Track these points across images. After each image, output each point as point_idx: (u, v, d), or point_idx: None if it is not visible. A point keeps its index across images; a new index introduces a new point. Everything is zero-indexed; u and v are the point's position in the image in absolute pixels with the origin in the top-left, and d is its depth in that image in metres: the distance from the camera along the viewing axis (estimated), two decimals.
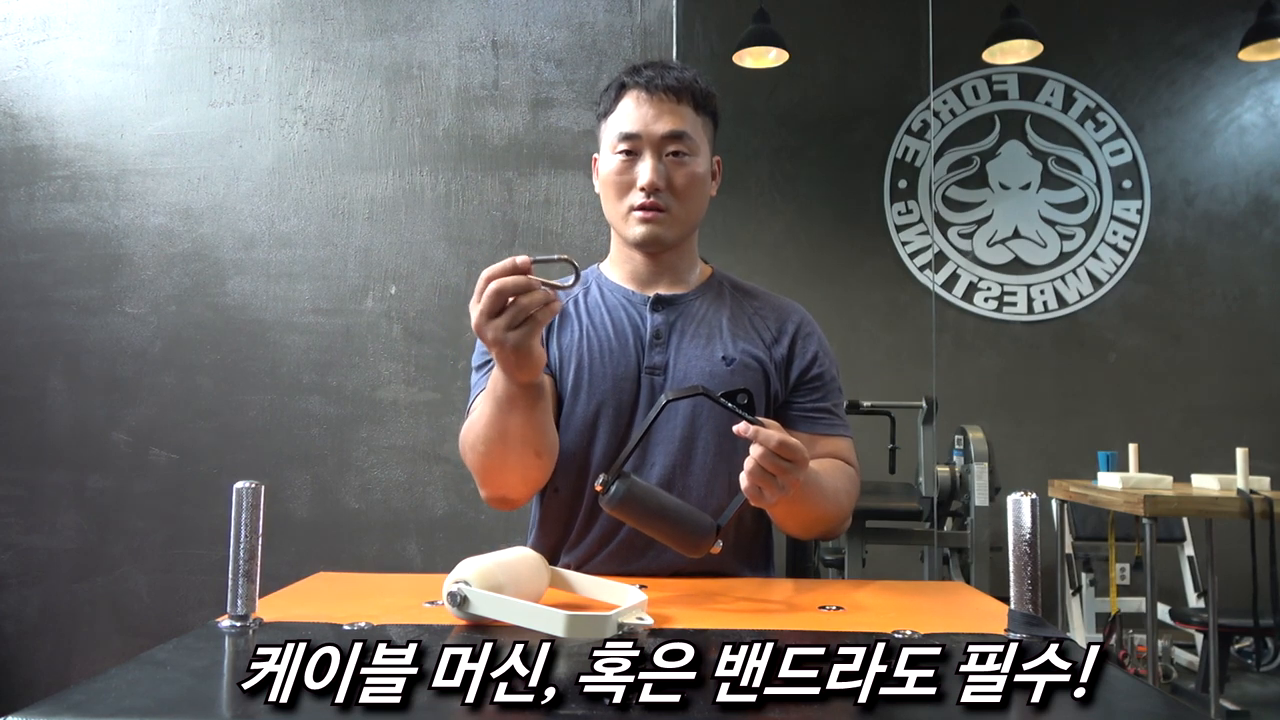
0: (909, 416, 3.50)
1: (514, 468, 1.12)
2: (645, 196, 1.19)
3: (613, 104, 1.24)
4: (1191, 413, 4.18)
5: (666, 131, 1.19)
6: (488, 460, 1.12)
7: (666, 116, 1.20)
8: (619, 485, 0.94)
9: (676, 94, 1.20)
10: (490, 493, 1.17)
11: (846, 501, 1.21)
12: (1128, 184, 4.35)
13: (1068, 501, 3.41)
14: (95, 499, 2.18)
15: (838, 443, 1.26)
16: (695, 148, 1.22)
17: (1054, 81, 4.39)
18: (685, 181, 1.21)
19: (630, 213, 1.21)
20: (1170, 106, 4.35)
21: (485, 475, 1.15)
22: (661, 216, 1.20)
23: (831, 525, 1.20)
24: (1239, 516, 2.62)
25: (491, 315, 0.93)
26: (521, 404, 1.05)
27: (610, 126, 1.23)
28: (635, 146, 1.20)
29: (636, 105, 1.21)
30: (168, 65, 2.23)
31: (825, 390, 1.27)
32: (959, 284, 4.38)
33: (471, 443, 1.13)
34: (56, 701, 0.57)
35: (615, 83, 1.25)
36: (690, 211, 1.24)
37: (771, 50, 3.94)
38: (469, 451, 1.15)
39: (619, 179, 1.21)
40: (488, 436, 1.09)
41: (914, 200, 4.42)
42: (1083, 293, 4.33)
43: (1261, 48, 3.70)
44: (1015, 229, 4.38)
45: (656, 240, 1.22)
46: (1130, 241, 4.33)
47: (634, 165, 1.20)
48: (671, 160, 1.20)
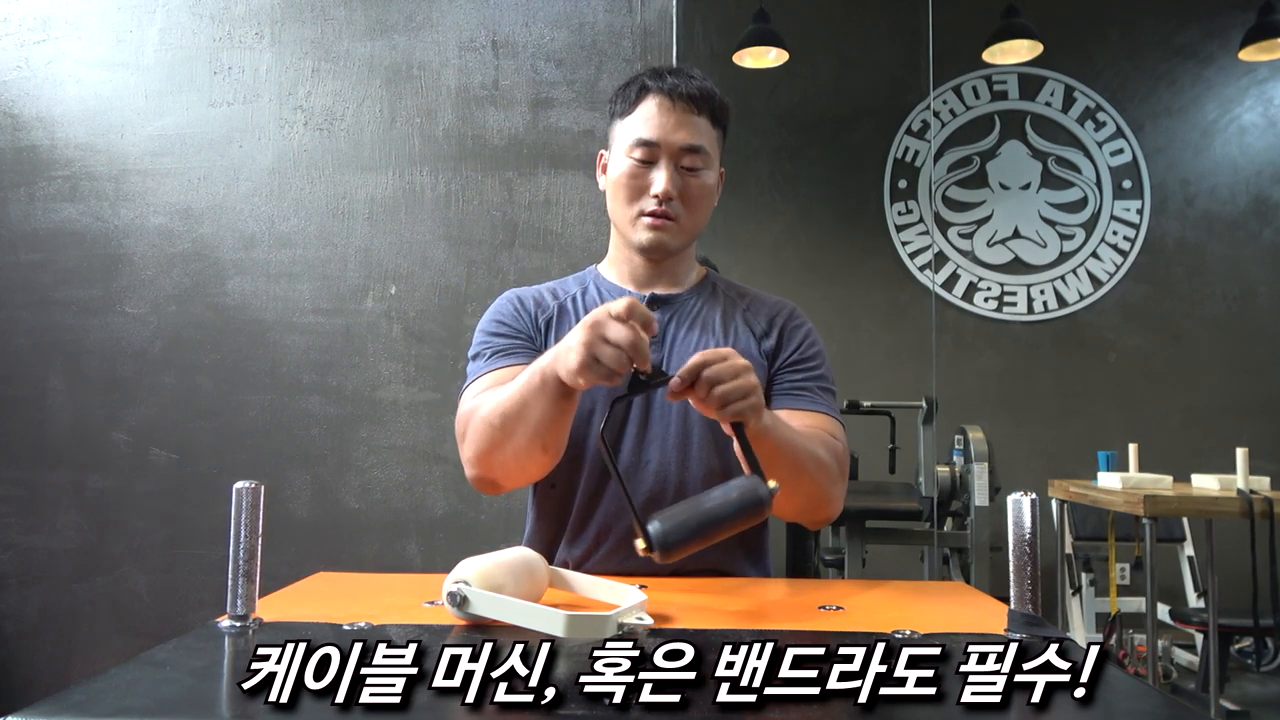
0: (909, 416, 3.50)
1: (519, 454, 1.11)
2: (658, 205, 1.20)
3: (631, 106, 1.23)
4: (1191, 413, 4.18)
5: (685, 144, 1.20)
6: (498, 436, 1.10)
7: (686, 128, 1.20)
8: (655, 533, 0.86)
9: (697, 105, 1.21)
10: (481, 472, 1.16)
11: (828, 467, 1.15)
12: (1128, 184, 4.35)
13: (1068, 501, 3.41)
14: (95, 499, 2.18)
15: (819, 418, 1.22)
16: (709, 161, 1.23)
17: (1054, 81, 4.39)
18: (697, 194, 1.22)
19: (640, 218, 1.22)
20: (1170, 106, 4.35)
21: (486, 453, 1.13)
22: (670, 225, 1.22)
23: (816, 492, 1.13)
24: (1239, 516, 2.62)
25: (612, 335, 0.92)
26: (558, 397, 1.04)
27: (627, 128, 1.23)
28: (651, 154, 1.20)
29: (658, 112, 1.21)
30: (168, 65, 2.23)
31: (809, 370, 1.26)
32: (959, 284, 4.38)
33: (485, 416, 1.11)
34: (56, 701, 0.57)
35: (636, 83, 1.24)
36: (697, 222, 1.26)
37: (771, 50, 3.94)
38: (480, 425, 1.12)
39: (632, 182, 1.22)
40: (507, 413, 1.08)
41: (914, 200, 4.42)
42: (1083, 293, 4.33)
43: (1261, 48, 3.70)
44: (1015, 229, 4.38)
45: (662, 247, 1.24)
46: (1130, 241, 4.33)
47: (649, 172, 1.21)
48: (685, 171, 1.21)
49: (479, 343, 1.26)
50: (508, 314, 1.28)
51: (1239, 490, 2.70)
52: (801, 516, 1.22)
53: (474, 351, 1.26)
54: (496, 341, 1.25)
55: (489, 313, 1.30)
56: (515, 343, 1.25)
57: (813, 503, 1.16)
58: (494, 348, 1.24)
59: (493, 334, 1.26)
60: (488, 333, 1.27)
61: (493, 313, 1.30)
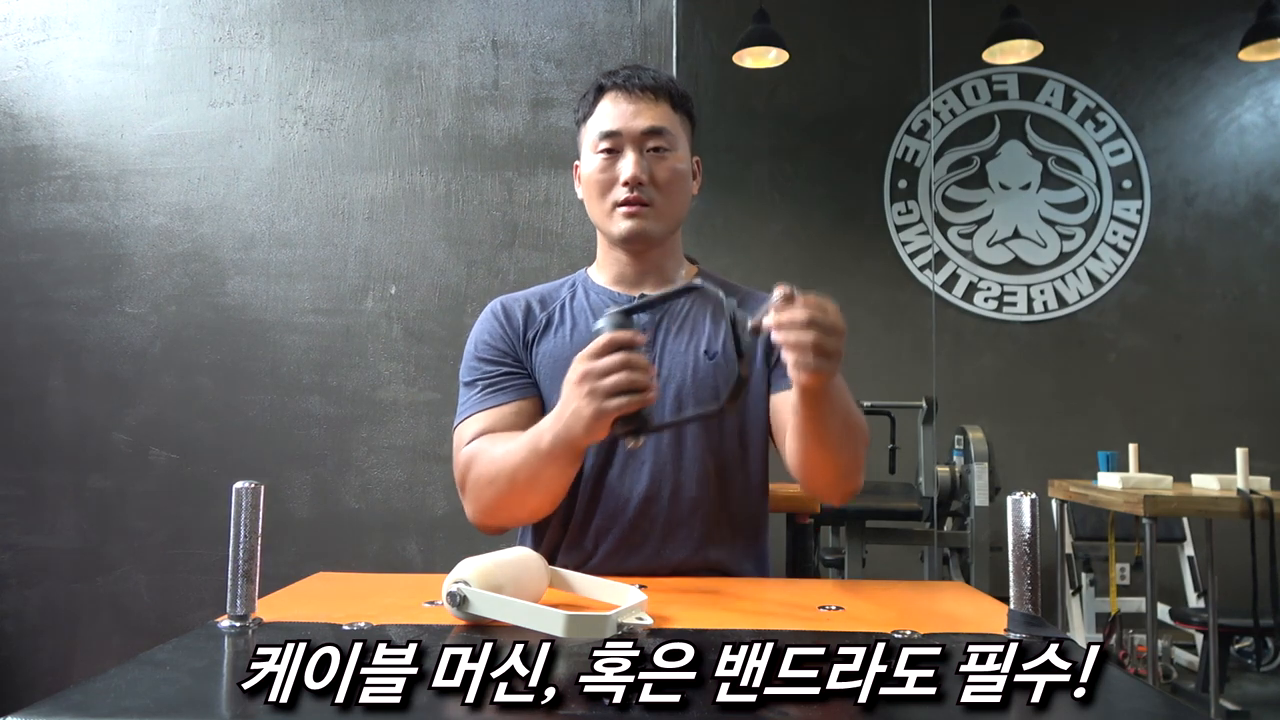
0: (909, 416, 3.50)
1: (531, 508, 1.15)
2: (629, 191, 1.20)
3: (591, 107, 1.25)
4: (1191, 413, 4.18)
5: (646, 127, 1.20)
6: (506, 499, 1.12)
7: (646, 113, 1.21)
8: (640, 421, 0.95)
9: (654, 92, 1.22)
10: (488, 521, 1.18)
11: (865, 431, 1.14)
12: (1128, 184, 4.35)
13: (1068, 501, 3.41)
14: (95, 499, 2.18)
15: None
16: (675, 143, 1.23)
17: (1054, 81, 4.39)
18: (667, 176, 1.22)
19: (614, 209, 1.22)
20: (1170, 106, 4.35)
21: (494, 509, 1.15)
22: (646, 210, 1.21)
23: (855, 456, 1.12)
24: (1239, 516, 2.62)
25: (603, 375, 0.95)
26: (566, 460, 1.07)
27: (590, 128, 1.25)
28: (616, 144, 1.21)
29: (615, 104, 1.22)
30: (168, 65, 2.23)
31: None
32: (959, 284, 4.38)
33: (491, 477, 1.13)
34: (56, 701, 0.57)
35: (592, 87, 1.26)
36: (673, 205, 1.24)
37: (771, 50, 3.94)
38: (483, 485, 1.14)
39: (601, 177, 1.22)
40: (515, 479, 1.10)
41: (914, 200, 4.42)
42: (1083, 293, 4.33)
43: (1261, 48, 3.70)
44: (1015, 229, 4.38)
45: (642, 234, 1.22)
46: (1130, 241, 4.33)
47: (615, 163, 1.21)
48: (653, 155, 1.21)
49: (469, 367, 1.26)
50: (495, 334, 1.27)
51: (1239, 490, 2.69)
52: (837, 486, 1.17)
53: (466, 378, 1.26)
54: (485, 369, 1.24)
55: (476, 330, 1.30)
56: (503, 371, 1.24)
57: (851, 468, 1.14)
58: (484, 377, 1.24)
59: (482, 359, 1.26)
60: (477, 358, 1.26)
61: (479, 332, 1.29)
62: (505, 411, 1.21)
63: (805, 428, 1.06)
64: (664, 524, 1.19)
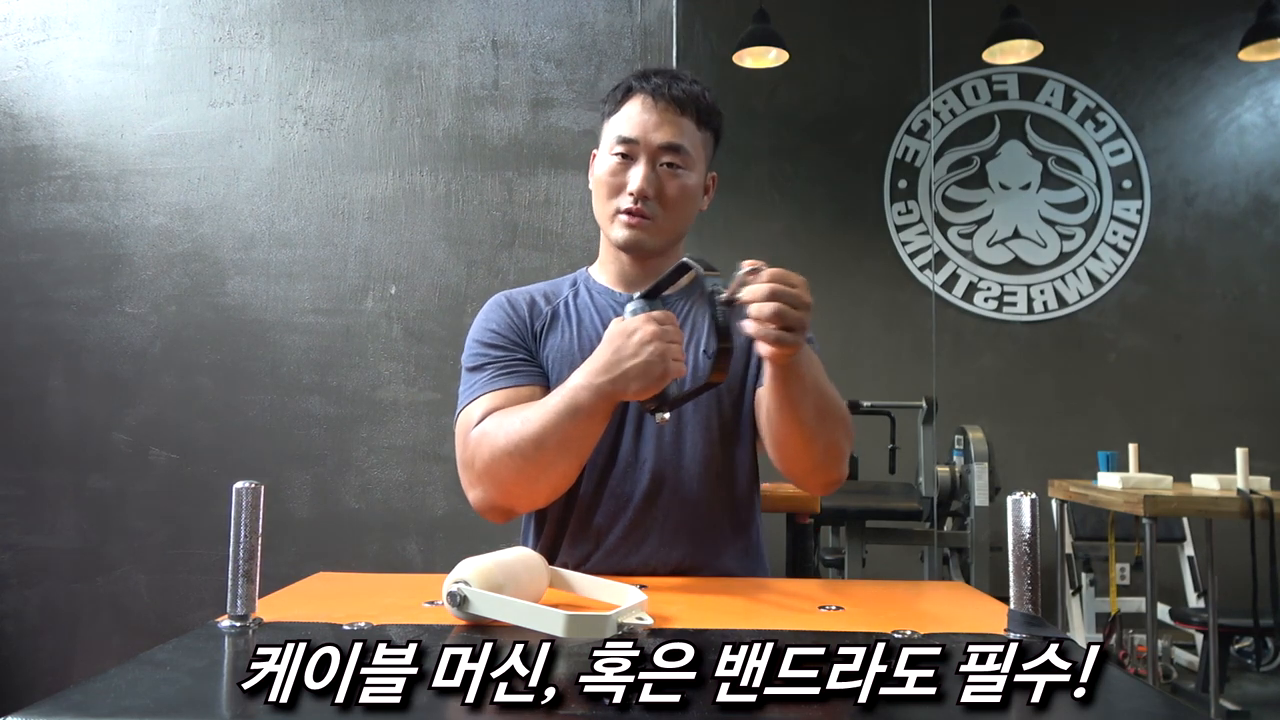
0: (909, 416, 3.50)
1: (554, 477, 1.12)
2: (633, 202, 1.20)
3: (618, 105, 1.24)
4: (1191, 413, 4.18)
5: (664, 142, 1.20)
6: (531, 468, 1.09)
7: (667, 126, 1.20)
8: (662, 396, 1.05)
9: (680, 105, 1.21)
10: (499, 501, 1.14)
11: (846, 418, 1.14)
12: (1128, 184, 4.35)
13: (1068, 501, 3.41)
14: (95, 499, 2.18)
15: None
16: (690, 161, 1.22)
17: (1054, 81, 4.39)
18: (675, 193, 1.21)
19: (616, 215, 1.22)
20: (1170, 106, 4.35)
21: (514, 482, 1.12)
22: (646, 224, 1.21)
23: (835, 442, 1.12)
24: (1239, 516, 2.62)
25: (671, 339, 1.04)
26: (603, 415, 1.08)
27: (611, 127, 1.24)
28: (631, 151, 1.21)
29: (640, 111, 1.21)
30: (168, 65, 2.23)
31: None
32: (959, 284, 4.38)
33: (513, 447, 1.09)
34: (56, 701, 0.57)
35: (624, 84, 1.25)
36: (675, 222, 1.24)
37: (771, 50, 3.94)
38: (502, 458, 1.10)
39: (611, 180, 1.22)
40: (543, 443, 1.07)
41: (914, 200, 4.42)
42: (1083, 293, 4.33)
43: (1261, 48, 3.70)
44: (1015, 229, 4.38)
45: (637, 245, 1.23)
46: (1130, 241, 4.33)
47: (627, 169, 1.21)
48: (665, 170, 1.21)
49: (475, 354, 1.24)
50: (502, 322, 1.25)
51: (1239, 490, 2.70)
52: (816, 474, 1.17)
53: (471, 364, 1.23)
54: (494, 354, 1.22)
55: (480, 319, 1.28)
56: (513, 356, 1.22)
57: (830, 456, 1.14)
58: (493, 361, 1.22)
59: (489, 345, 1.23)
60: (484, 344, 1.24)
61: (485, 320, 1.27)
62: (518, 394, 1.18)
63: (777, 405, 1.08)
64: (665, 523, 1.19)
